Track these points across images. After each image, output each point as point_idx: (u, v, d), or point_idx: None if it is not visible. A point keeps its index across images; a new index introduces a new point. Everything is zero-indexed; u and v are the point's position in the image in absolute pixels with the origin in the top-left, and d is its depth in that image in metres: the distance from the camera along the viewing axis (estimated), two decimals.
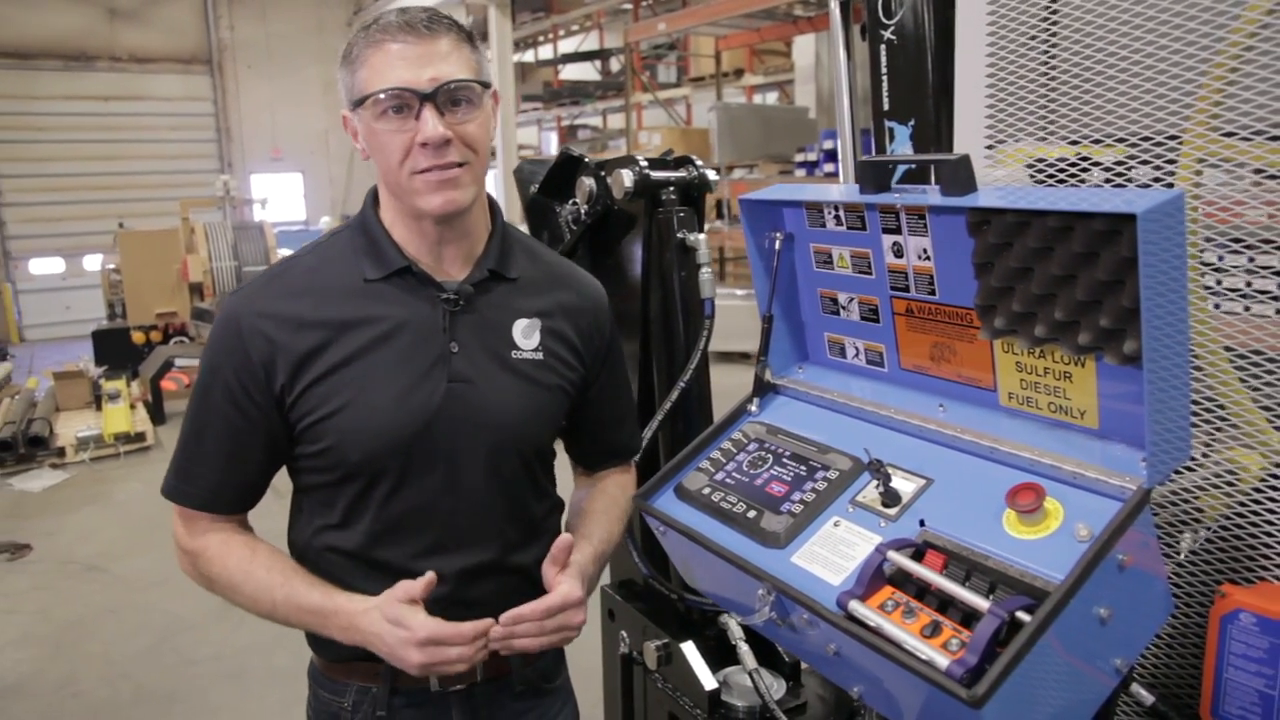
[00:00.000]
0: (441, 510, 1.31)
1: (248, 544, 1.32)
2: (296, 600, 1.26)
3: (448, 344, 1.29)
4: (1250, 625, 1.06)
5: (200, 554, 1.32)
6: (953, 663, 0.90)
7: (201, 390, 1.30)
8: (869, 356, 1.39)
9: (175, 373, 8.11)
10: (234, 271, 9.65)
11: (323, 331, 1.26)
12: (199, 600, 4.36)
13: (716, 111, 9.56)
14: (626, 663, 1.95)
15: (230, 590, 1.30)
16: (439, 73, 1.20)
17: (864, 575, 1.04)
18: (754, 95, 13.20)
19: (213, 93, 17.00)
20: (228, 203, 10.98)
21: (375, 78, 1.21)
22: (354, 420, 1.26)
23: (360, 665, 1.34)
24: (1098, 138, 1.37)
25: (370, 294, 1.30)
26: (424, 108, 1.20)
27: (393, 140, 1.22)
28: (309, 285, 1.30)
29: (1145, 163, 1.31)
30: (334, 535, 1.32)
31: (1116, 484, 1.00)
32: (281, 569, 1.29)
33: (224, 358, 1.27)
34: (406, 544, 1.31)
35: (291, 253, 1.39)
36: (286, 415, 1.28)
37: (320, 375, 1.26)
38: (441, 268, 1.33)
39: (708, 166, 1.87)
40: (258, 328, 1.26)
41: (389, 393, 1.27)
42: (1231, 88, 1.18)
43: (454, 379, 1.29)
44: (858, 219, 1.31)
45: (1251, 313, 1.23)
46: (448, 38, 1.23)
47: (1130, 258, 0.94)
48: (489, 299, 1.34)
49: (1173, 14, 1.21)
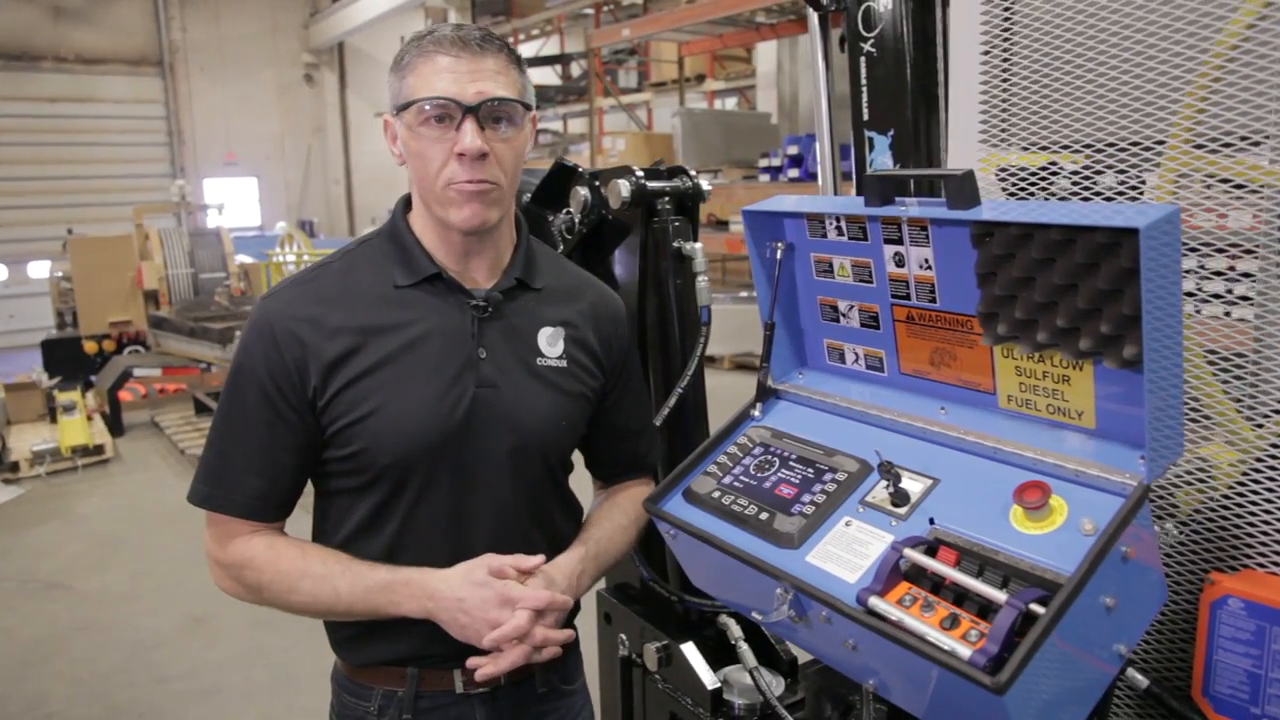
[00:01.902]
0: (467, 514, 1.34)
1: (294, 544, 1.35)
2: (363, 582, 1.28)
3: (475, 350, 1.33)
4: (1239, 609, 1.13)
5: (246, 564, 1.31)
6: (975, 652, 0.95)
7: (235, 395, 1.31)
8: (869, 362, 1.45)
9: (133, 383, 7.98)
10: (190, 279, 9.53)
11: (354, 336, 1.30)
12: (170, 615, 4.34)
13: (680, 117, 9.64)
14: (626, 665, 1.98)
15: (286, 593, 1.31)
16: (484, 89, 1.25)
17: (882, 572, 1.09)
18: (715, 100, 13.32)
19: (164, 95, 16.71)
20: (183, 208, 10.81)
21: (422, 85, 1.25)
22: (385, 423, 1.29)
23: (386, 669, 1.36)
24: (1065, 144, 1.44)
25: (401, 300, 1.33)
26: (466, 120, 1.24)
27: (431, 148, 1.26)
28: (340, 291, 1.33)
29: (1110, 169, 1.39)
30: (359, 541, 1.35)
31: (1118, 480, 1.06)
32: (337, 558, 1.31)
33: (259, 361, 1.29)
34: (431, 548, 1.33)
35: (321, 259, 1.42)
36: (319, 419, 1.31)
37: (352, 379, 1.29)
38: (469, 275, 1.37)
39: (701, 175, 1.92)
40: (291, 331, 1.28)
41: (420, 397, 1.30)
42: (1213, 98, 1.25)
43: (481, 384, 1.33)
44: (859, 230, 1.36)
45: (1204, 315, 1.31)
46: (497, 58, 1.28)
47: (1130, 268, 1.00)
48: (515, 306, 1.38)
49: (1135, 28, 1.28)
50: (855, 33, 1.74)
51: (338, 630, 1.41)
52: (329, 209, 18.42)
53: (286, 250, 10.88)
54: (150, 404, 8.40)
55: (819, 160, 2.09)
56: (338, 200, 18.54)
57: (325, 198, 18.42)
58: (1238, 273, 1.30)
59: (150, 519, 5.74)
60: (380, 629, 1.34)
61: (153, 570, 4.93)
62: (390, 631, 1.34)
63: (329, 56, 18.21)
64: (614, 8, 12.92)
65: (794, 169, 8.50)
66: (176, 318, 8.01)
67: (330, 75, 18.36)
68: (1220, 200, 1.29)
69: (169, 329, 7.95)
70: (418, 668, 1.36)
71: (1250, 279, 1.31)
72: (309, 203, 18.10)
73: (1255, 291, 1.27)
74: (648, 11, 11.92)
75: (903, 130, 1.72)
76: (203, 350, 7.63)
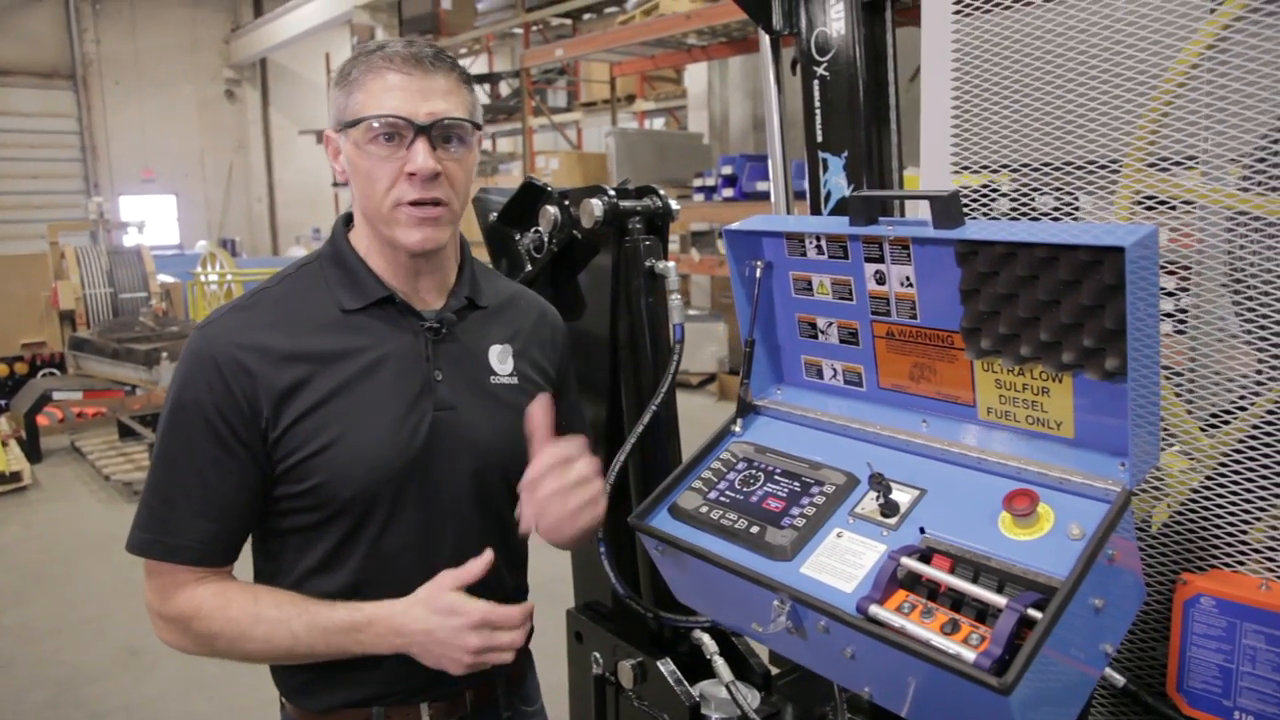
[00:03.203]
0: (433, 541, 1.31)
1: (244, 588, 1.27)
2: (321, 624, 1.22)
3: (431, 373, 1.31)
4: (1210, 608, 1.19)
5: (193, 615, 1.24)
6: (979, 655, 0.98)
7: (176, 432, 1.22)
8: (847, 377, 1.48)
9: (50, 407, 7.65)
10: (109, 299, 9.22)
11: (304, 365, 1.24)
12: (101, 649, 4.16)
13: (614, 137, 9.70)
14: (599, 683, 1.98)
15: (238, 640, 1.23)
16: (436, 108, 1.23)
17: (880, 580, 1.12)
18: (645, 120, 13.44)
19: (77, 109, 16.16)
20: (101, 226, 10.45)
21: (372, 102, 1.22)
22: (345, 454, 1.24)
23: (348, 712, 1.31)
24: (1002, 165, 1.52)
25: (349, 325, 1.29)
26: (417, 139, 1.22)
27: (379, 167, 1.23)
28: (283, 317, 1.27)
29: (1040, 189, 1.47)
30: (316, 579, 1.29)
31: (1101, 487, 1.11)
32: (290, 600, 1.25)
33: (204, 394, 1.21)
34: (398, 579, 1.28)
35: (257, 285, 1.36)
36: (270, 453, 1.24)
37: (306, 410, 1.24)
38: (419, 296, 1.34)
39: (670, 196, 1.95)
40: (236, 360, 1.22)
41: (380, 424, 1.26)
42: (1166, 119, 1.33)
43: (439, 407, 1.30)
44: (840, 248, 1.40)
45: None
46: (449, 76, 1.26)
47: (1111, 284, 1.06)
48: (464, 326, 1.37)
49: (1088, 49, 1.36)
50: (808, 56, 1.79)
51: (290, 678, 1.34)
52: (251, 227, 18.00)
53: (210, 270, 10.60)
54: (69, 428, 8.07)
55: (772, 180, 2.14)
56: (261, 219, 18.14)
57: (248, 216, 18.01)
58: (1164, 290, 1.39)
59: (74, 548, 5.50)
60: (339, 672, 1.29)
61: (79, 602, 4.72)
62: (350, 673, 1.29)
63: (251, 72, 17.86)
64: (543, 27, 12.96)
65: (728, 188, 8.61)
66: (99, 339, 7.71)
67: (253, 91, 17.99)
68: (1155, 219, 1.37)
69: (90, 350, 7.65)
70: (383, 706, 1.32)
71: (1173, 296, 1.40)
72: (231, 221, 17.66)
73: (1175, 307, 1.36)
74: (577, 32, 11.99)
75: (856, 151, 1.77)
76: (127, 373, 7.35)
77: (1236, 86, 1.23)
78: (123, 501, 6.33)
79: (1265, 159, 1.21)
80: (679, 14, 8.49)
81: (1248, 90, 1.22)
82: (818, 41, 1.77)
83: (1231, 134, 1.25)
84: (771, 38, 1.92)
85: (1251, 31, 1.22)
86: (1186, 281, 1.39)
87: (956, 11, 1.51)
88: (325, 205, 17.77)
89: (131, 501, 6.31)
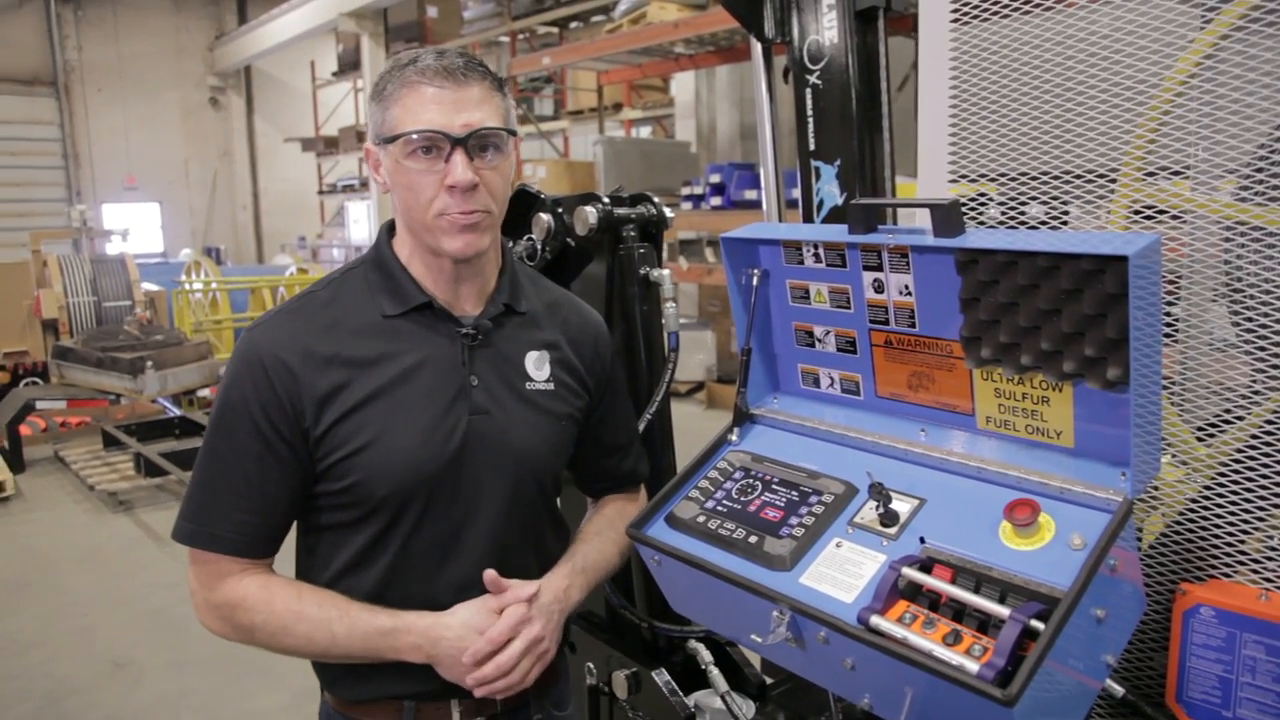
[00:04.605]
0: (462, 543, 1.33)
1: (289, 584, 1.31)
2: (361, 627, 1.26)
3: (468, 378, 1.33)
4: (1210, 618, 1.19)
5: (238, 604, 1.28)
6: (983, 666, 0.98)
7: (224, 429, 1.28)
8: (844, 385, 1.48)
9: (32, 416, 7.56)
10: (93, 307, 9.12)
11: (345, 369, 1.28)
12: (85, 661, 4.10)
13: (602, 145, 9.71)
14: (593, 694, 1.96)
15: (279, 634, 1.27)
16: (471, 119, 1.25)
17: (881, 591, 1.11)
18: (631, 129, 13.45)
19: (59, 116, 16.03)
20: (84, 234, 10.37)
21: (408, 117, 1.24)
22: (381, 455, 1.27)
23: (381, 704, 1.34)
24: (999, 174, 1.52)
25: (390, 330, 1.32)
26: (455, 152, 1.24)
27: (421, 180, 1.26)
28: (328, 321, 1.31)
29: (1034, 199, 1.47)
30: (352, 576, 1.32)
31: (1102, 496, 1.11)
32: (334, 601, 1.29)
33: (250, 393, 1.26)
34: (428, 579, 1.32)
35: (306, 288, 1.39)
36: (312, 452, 1.28)
37: (345, 412, 1.27)
38: (458, 303, 1.37)
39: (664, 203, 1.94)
40: (282, 362, 1.26)
41: (416, 427, 1.29)
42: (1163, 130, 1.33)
43: (475, 411, 1.33)
44: (838, 257, 1.39)
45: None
46: (481, 85, 1.28)
47: (1114, 293, 1.06)
48: (502, 332, 1.39)
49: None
50: (801, 65, 1.79)
51: (328, 669, 1.38)
52: (236, 235, 17.89)
53: (194, 278, 10.52)
54: (52, 438, 7.97)
55: (764, 189, 2.13)
56: (245, 226, 18.02)
57: (232, 224, 17.90)
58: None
59: (58, 560, 5.43)
60: (375, 665, 1.33)
61: (63, 614, 4.66)
62: (387, 667, 1.33)
63: (236, 80, 17.76)
64: (529, 36, 12.97)
65: (716, 197, 8.61)
66: (83, 348, 7.62)
67: (237, 99, 17.90)
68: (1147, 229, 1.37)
69: (74, 359, 7.55)
70: (415, 701, 1.34)
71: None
72: (215, 229, 17.55)
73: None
74: (564, 41, 11.99)
75: (849, 159, 1.77)
76: (111, 382, 7.27)
77: (1233, 97, 1.23)
78: (107, 512, 6.25)
79: (1263, 169, 1.21)
80: (666, 23, 8.51)
81: (1242, 100, 1.22)
82: (810, 50, 1.77)
83: (1227, 144, 1.25)
84: (763, 46, 1.92)
85: (1247, 44, 1.22)
86: (1176, 291, 1.39)
87: (954, 20, 1.52)
88: (310, 213, 17.68)
89: (116, 512, 6.25)
